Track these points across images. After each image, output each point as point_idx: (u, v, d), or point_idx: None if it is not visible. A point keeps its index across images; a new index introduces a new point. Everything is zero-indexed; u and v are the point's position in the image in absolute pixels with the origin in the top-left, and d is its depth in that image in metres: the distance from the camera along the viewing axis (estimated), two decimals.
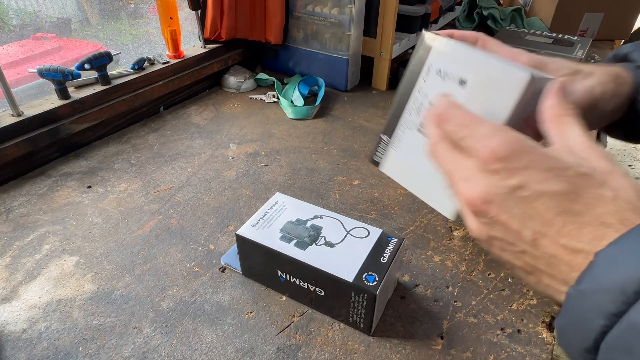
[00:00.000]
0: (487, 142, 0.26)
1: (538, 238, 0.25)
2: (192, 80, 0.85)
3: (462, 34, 0.44)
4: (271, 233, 0.42)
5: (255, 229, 0.43)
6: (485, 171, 0.26)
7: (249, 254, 0.44)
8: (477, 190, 0.26)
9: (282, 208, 0.45)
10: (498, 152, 0.26)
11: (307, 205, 0.46)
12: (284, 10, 0.87)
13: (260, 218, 0.44)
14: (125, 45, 1.47)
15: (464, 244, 0.52)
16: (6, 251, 0.50)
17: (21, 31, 1.49)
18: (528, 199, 0.25)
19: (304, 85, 0.88)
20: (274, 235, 0.42)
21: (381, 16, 0.84)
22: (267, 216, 0.45)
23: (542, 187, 0.25)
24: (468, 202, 0.27)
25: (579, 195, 0.24)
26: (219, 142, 0.73)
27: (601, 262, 0.22)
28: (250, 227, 0.43)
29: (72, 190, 0.60)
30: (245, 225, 0.43)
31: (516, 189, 0.25)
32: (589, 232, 0.23)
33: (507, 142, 0.26)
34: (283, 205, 0.46)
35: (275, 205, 0.46)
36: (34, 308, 0.43)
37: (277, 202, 0.46)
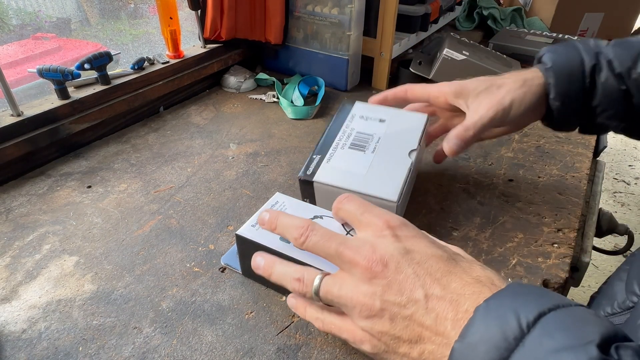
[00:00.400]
0: (383, 216, 0.33)
1: (428, 295, 0.28)
2: (192, 80, 0.85)
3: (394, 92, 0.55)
4: (271, 233, 0.42)
5: (255, 229, 0.42)
6: (380, 236, 0.31)
7: (249, 254, 0.43)
8: (375, 253, 0.30)
9: (282, 208, 0.45)
10: (392, 222, 0.32)
11: (307, 205, 0.46)
12: (284, 10, 0.87)
13: None
14: (125, 45, 1.47)
15: (464, 244, 0.52)
16: (6, 251, 0.50)
17: (21, 31, 1.49)
18: (419, 261, 0.29)
19: (304, 85, 0.88)
20: (274, 235, 0.42)
21: (381, 16, 0.84)
22: None
23: (429, 250, 0.30)
24: (367, 265, 0.30)
25: (457, 262, 0.30)
26: (219, 142, 0.73)
27: (480, 316, 0.25)
28: (250, 227, 0.43)
29: (72, 190, 0.60)
30: (245, 225, 0.43)
31: (408, 251, 0.30)
32: (470, 290, 0.28)
33: (398, 217, 0.33)
34: (283, 205, 0.46)
35: (275, 205, 0.46)
36: (33, 308, 0.43)
37: (277, 202, 0.46)
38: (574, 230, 0.54)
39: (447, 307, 0.27)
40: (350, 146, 0.51)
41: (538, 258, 0.50)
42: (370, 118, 0.55)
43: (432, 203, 0.58)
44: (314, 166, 0.49)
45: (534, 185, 0.62)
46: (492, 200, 0.59)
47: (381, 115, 0.55)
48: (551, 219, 0.55)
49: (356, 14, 0.82)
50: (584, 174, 0.64)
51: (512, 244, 0.52)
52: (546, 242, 0.52)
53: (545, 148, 0.71)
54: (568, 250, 0.51)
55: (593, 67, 0.46)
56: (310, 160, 0.50)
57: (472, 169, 0.66)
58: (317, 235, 0.33)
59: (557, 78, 0.47)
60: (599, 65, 0.46)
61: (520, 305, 0.25)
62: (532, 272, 0.48)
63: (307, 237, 0.33)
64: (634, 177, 2.30)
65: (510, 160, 0.68)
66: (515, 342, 0.23)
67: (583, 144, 0.72)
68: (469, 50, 0.85)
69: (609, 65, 0.46)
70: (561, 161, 0.67)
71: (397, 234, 0.31)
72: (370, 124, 0.54)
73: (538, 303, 0.25)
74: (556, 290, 0.46)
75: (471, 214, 0.56)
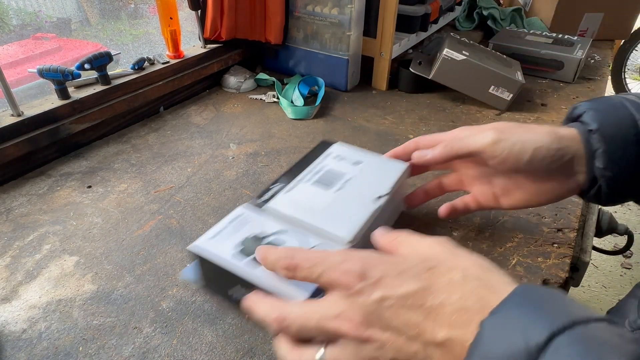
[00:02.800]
0: (342, 267, 0.28)
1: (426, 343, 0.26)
2: (192, 80, 0.85)
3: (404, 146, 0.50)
4: (226, 248, 0.39)
5: (211, 243, 0.39)
6: (351, 296, 0.27)
7: (205, 270, 0.40)
8: (355, 318, 0.27)
9: (244, 221, 0.42)
10: (354, 273, 0.28)
11: (272, 219, 0.43)
12: (284, 10, 0.87)
13: (219, 231, 0.41)
14: (125, 45, 1.47)
15: (464, 244, 0.52)
16: (6, 251, 0.50)
17: (21, 31, 1.49)
18: (395, 307, 0.26)
19: (304, 85, 0.88)
20: (230, 250, 0.39)
21: (381, 16, 0.84)
22: (226, 230, 0.41)
23: (400, 291, 0.27)
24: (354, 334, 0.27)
25: (433, 287, 0.26)
26: (219, 142, 0.73)
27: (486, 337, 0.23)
28: (206, 241, 0.40)
29: (72, 190, 0.60)
30: (200, 239, 0.40)
31: (382, 300, 0.27)
32: (458, 320, 0.25)
33: (358, 260, 0.28)
34: (246, 218, 0.43)
35: (237, 219, 0.42)
36: (34, 308, 0.43)
37: (239, 215, 0.43)
38: (574, 230, 0.54)
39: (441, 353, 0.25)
40: (315, 182, 0.47)
41: (538, 258, 0.50)
42: (346, 159, 0.52)
43: (432, 203, 0.58)
44: (271, 193, 0.46)
45: None
46: None
47: (358, 158, 0.52)
48: (551, 219, 0.55)
49: (356, 14, 0.82)
50: None
51: (512, 244, 0.52)
52: (546, 242, 0.52)
53: None
54: (568, 250, 0.51)
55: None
56: (269, 188, 0.47)
57: None
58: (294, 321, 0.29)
59: (608, 143, 0.38)
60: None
61: (530, 321, 0.22)
62: (532, 272, 0.48)
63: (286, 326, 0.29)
64: None
65: None
66: None
67: None
68: (469, 50, 0.85)
69: None
70: None
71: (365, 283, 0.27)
72: (343, 164, 0.51)
73: (550, 319, 0.22)
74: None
75: (471, 214, 0.56)
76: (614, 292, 1.62)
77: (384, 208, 0.45)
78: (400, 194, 0.51)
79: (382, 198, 0.46)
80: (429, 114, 0.82)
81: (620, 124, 0.38)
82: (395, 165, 0.50)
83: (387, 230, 0.33)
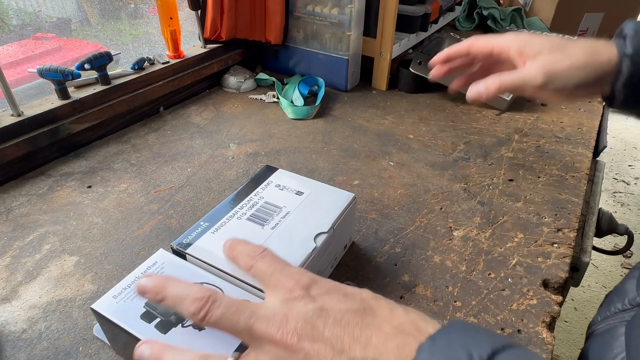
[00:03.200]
0: (293, 275, 0.29)
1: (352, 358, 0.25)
2: (192, 80, 0.85)
3: (458, 48, 0.53)
4: (133, 307, 0.35)
5: (116, 302, 0.35)
6: (291, 299, 0.28)
7: (110, 331, 0.36)
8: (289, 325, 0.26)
9: (158, 271, 0.38)
10: (302, 281, 0.29)
11: (192, 269, 0.38)
12: (284, 10, 0.87)
13: (127, 286, 0.36)
14: (125, 45, 1.47)
15: (464, 244, 0.52)
16: (6, 251, 0.50)
17: (21, 31, 1.49)
18: (335, 319, 0.26)
19: (304, 85, 0.88)
20: (136, 311, 0.34)
21: (381, 16, 0.84)
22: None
23: (342, 306, 0.27)
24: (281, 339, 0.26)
25: (375, 311, 0.27)
26: (219, 142, 0.73)
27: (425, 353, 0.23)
28: (111, 298, 0.35)
29: (72, 190, 0.60)
30: (104, 297, 0.36)
31: (322, 310, 0.27)
32: (392, 343, 0.25)
33: (310, 276, 0.30)
34: (161, 267, 0.38)
35: (151, 267, 0.38)
36: (34, 308, 0.43)
37: (155, 262, 0.38)
38: (574, 230, 0.54)
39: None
40: (249, 217, 0.43)
41: (538, 258, 0.50)
42: (287, 188, 0.47)
43: (432, 203, 0.59)
44: (195, 234, 0.41)
45: (534, 185, 0.62)
46: (492, 200, 0.59)
47: (301, 188, 0.47)
48: (551, 219, 0.55)
49: (356, 14, 0.82)
50: (583, 174, 0.64)
51: (512, 244, 0.52)
52: (546, 242, 0.52)
53: (545, 148, 0.71)
54: (568, 250, 0.51)
55: None
56: (196, 226, 0.42)
57: (472, 169, 0.66)
58: (220, 308, 0.27)
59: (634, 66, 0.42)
60: None
61: (470, 341, 0.23)
62: (532, 272, 0.48)
63: (207, 311, 0.27)
64: (633, 177, 2.30)
65: (510, 160, 0.68)
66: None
67: (583, 144, 0.72)
68: None
69: None
70: (561, 161, 0.67)
71: (309, 293, 0.28)
72: (283, 195, 0.46)
73: (489, 341, 0.23)
74: (556, 290, 0.46)
75: (471, 214, 0.56)
76: None
77: (323, 247, 0.41)
78: (346, 226, 0.47)
79: (321, 236, 0.41)
80: (429, 114, 0.82)
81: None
82: (340, 197, 0.46)
83: None
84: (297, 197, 0.46)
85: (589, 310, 1.55)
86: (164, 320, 0.34)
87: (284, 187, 0.48)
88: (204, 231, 0.41)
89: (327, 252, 0.44)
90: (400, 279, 0.47)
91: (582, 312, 1.54)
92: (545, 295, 0.45)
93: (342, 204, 0.45)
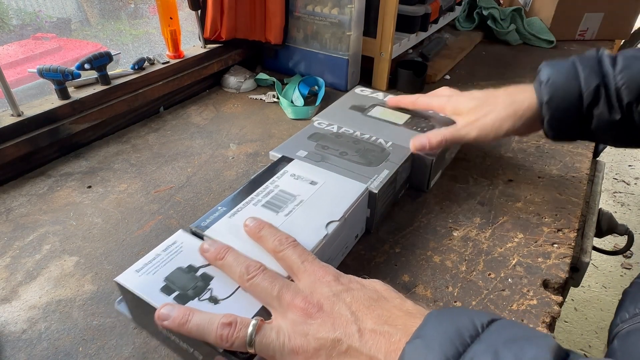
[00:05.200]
0: (323, 267, 0.35)
1: (362, 329, 0.29)
2: (192, 80, 0.85)
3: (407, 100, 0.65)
4: (154, 281, 0.37)
5: (139, 275, 0.37)
6: (320, 282, 0.33)
7: (133, 303, 0.38)
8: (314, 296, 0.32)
9: (177, 250, 0.40)
10: (331, 271, 0.34)
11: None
12: (284, 10, 0.87)
13: (149, 261, 0.39)
14: (125, 45, 1.47)
15: (463, 244, 0.52)
16: (6, 251, 0.50)
17: (21, 31, 1.49)
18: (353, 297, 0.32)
19: (304, 85, 0.88)
20: (156, 285, 0.36)
21: (381, 16, 0.84)
22: (157, 260, 0.39)
23: (361, 293, 0.32)
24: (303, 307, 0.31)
25: (389, 299, 0.32)
26: (219, 142, 0.73)
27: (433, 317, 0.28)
28: (134, 272, 0.37)
29: (72, 190, 0.60)
30: (128, 270, 0.38)
31: (344, 290, 0.32)
32: (401, 321, 0.29)
33: (336, 270, 0.35)
34: (180, 247, 0.40)
35: (171, 247, 0.40)
36: (33, 308, 0.43)
37: (174, 242, 0.40)
38: (574, 231, 0.54)
39: (380, 340, 0.28)
40: (264, 204, 0.45)
41: (538, 258, 0.50)
42: (302, 178, 0.49)
43: (432, 203, 0.58)
44: (213, 218, 0.43)
45: (534, 185, 0.62)
46: (492, 200, 0.59)
47: (315, 178, 0.49)
48: (551, 219, 0.55)
49: (356, 14, 0.82)
50: (584, 174, 0.64)
51: (512, 244, 0.52)
52: (546, 242, 0.52)
53: (545, 148, 0.71)
54: (568, 251, 0.51)
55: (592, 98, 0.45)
56: (214, 210, 0.44)
57: (472, 168, 0.66)
58: (264, 276, 0.33)
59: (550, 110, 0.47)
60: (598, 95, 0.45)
61: (472, 313, 0.28)
62: (532, 272, 0.48)
63: (254, 275, 0.33)
64: (633, 177, 2.30)
65: (510, 160, 0.68)
66: (470, 339, 0.25)
67: (583, 144, 0.72)
68: None
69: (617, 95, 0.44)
70: (561, 161, 0.67)
71: (336, 278, 0.33)
72: (298, 184, 0.48)
73: (489, 314, 0.28)
74: (556, 291, 0.46)
75: (471, 214, 0.56)
76: (614, 292, 1.62)
77: (334, 235, 0.43)
78: (358, 216, 0.49)
79: (333, 224, 0.43)
80: None
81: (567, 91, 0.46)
82: (353, 186, 0.48)
83: None
84: (311, 186, 0.48)
85: (589, 310, 1.55)
86: (182, 294, 0.36)
87: (299, 176, 0.50)
88: (221, 215, 0.44)
89: (338, 240, 0.45)
90: (400, 279, 0.47)
91: (582, 312, 1.54)
92: (545, 295, 0.45)
93: (355, 194, 0.47)
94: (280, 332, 0.30)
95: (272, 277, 0.33)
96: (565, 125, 0.48)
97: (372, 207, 0.50)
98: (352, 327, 0.29)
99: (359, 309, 0.30)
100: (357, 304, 0.31)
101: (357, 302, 0.31)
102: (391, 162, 0.54)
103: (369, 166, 0.53)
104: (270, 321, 0.32)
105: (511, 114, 0.50)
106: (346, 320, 0.30)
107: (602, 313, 1.53)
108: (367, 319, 0.30)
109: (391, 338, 0.28)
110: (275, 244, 0.36)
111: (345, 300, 0.31)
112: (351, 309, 0.30)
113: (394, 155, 0.55)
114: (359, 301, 0.31)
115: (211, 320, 0.31)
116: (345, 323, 0.29)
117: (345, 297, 0.31)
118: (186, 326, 0.31)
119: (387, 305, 0.31)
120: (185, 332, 0.31)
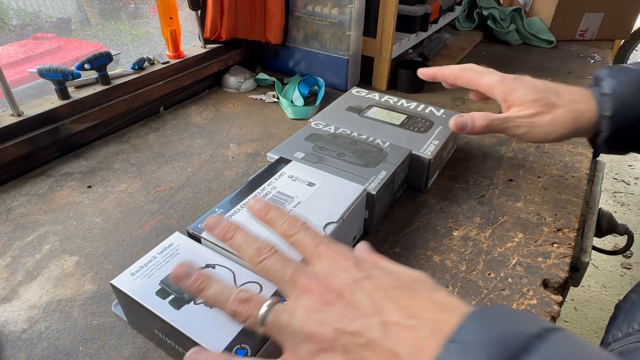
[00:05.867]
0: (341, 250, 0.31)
1: (385, 322, 0.26)
2: (192, 80, 0.85)
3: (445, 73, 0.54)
4: (149, 284, 0.37)
5: (134, 279, 0.37)
6: (338, 267, 0.29)
7: (127, 306, 0.39)
8: (333, 281, 0.28)
9: (173, 253, 0.40)
10: (349, 255, 0.30)
11: (204, 251, 0.40)
12: (284, 10, 0.87)
13: (144, 265, 0.39)
14: (125, 45, 1.47)
15: (463, 244, 0.52)
16: (6, 251, 0.50)
17: (21, 31, 1.49)
18: (376, 286, 0.28)
19: (304, 85, 0.88)
20: (151, 288, 0.37)
21: (381, 16, 0.84)
22: (153, 262, 0.39)
23: (387, 278, 0.29)
24: (320, 293, 0.28)
25: (417, 289, 0.28)
26: (219, 142, 0.73)
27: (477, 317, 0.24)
28: (129, 275, 0.38)
29: (72, 190, 0.60)
30: (123, 274, 0.38)
31: (366, 278, 0.28)
32: (431, 314, 0.25)
33: (355, 254, 0.31)
34: (176, 249, 0.40)
35: (167, 249, 0.40)
36: (34, 308, 0.43)
37: (171, 244, 0.41)
38: (574, 230, 0.54)
39: (405, 334, 0.25)
40: None
41: (538, 258, 0.50)
42: (299, 179, 0.49)
43: (432, 203, 0.59)
44: None
45: (534, 185, 0.62)
46: (492, 200, 0.59)
47: (313, 179, 0.49)
48: (551, 219, 0.55)
49: (356, 14, 0.82)
50: (584, 174, 0.64)
51: (512, 244, 0.52)
52: (546, 242, 0.52)
53: (545, 148, 0.71)
54: (568, 250, 0.51)
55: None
56: (211, 212, 0.45)
57: (472, 168, 0.66)
58: (276, 258, 0.30)
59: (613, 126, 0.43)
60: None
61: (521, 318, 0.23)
62: (532, 272, 0.48)
63: (266, 257, 0.30)
64: (633, 177, 2.30)
65: (510, 160, 0.68)
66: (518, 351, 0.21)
67: (583, 144, 0.72)
68: None
69: None
70: (561, 161, 0.67)
71: (357, 263, 0.30)
72: (296, 185, 0.48)
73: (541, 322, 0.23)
74: (556, 290, 0.46)
75: (471, 214, 0.56)
76: (614, 292, 1.62)
77: (332, 236, 0.42)
78: (356, 217, 0.49)
79: (330, 226, 0.43)
80: None
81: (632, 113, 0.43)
82: (350, 188, 0.48)
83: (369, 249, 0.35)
84: (308, 187, 0.48)
85: (589, 310, 1.55)
86: (177, 297, 0.36)
87: (297, 178, 0.50)
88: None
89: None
90: None
91: (582, 312, 1.54)
92: (545, 295, 0.45)
93: (352, 196, 0.47)
94: (294, 316, 0.28)
95: (285, 259, 0.30)
96: (625, 142, 0.44)
97: (370, 209, 0.50)
98: (374, 318, 0.26)
99: (381, 299, 0.27)
100: (379, 293, 0.27)
101: (379, 290, 0.27)
102: (389, 162, 0.54)
103: (366, 167, 0.53)
104: (285, 304, 0.30)
105: (571, 121, 0.45)
106: (367, 311, 0.26)
107: (602, 313, 1.53)
108: (390, 310, 0.26)
109: (418, 333, 0.25)
110: (285, 227, 0.33)
111: (366, 288, 0.28)
112: (372, 299, 0.27)
113: (392, 156, 0.55)
114: (381, 290, 0.27)
115: (228, 292, 0.29)
116: (365, 314, 0.26)
117: (367, 284, 0.28)
118: (204, 293, 0.30)
119: (414, 295, 0.27)
120: (202, 297, 0.30)
